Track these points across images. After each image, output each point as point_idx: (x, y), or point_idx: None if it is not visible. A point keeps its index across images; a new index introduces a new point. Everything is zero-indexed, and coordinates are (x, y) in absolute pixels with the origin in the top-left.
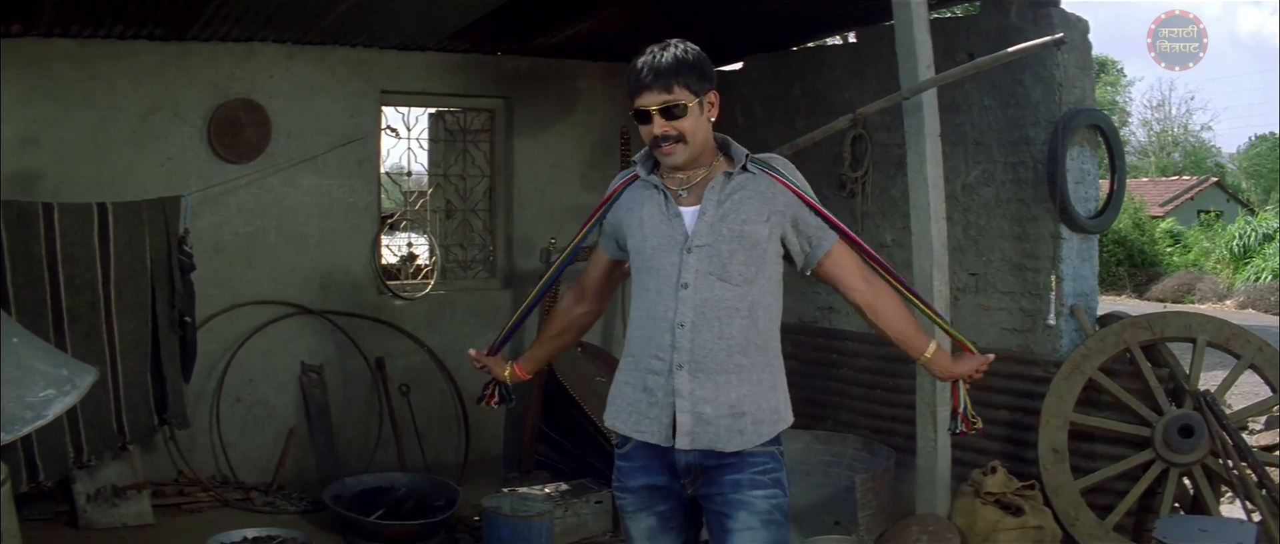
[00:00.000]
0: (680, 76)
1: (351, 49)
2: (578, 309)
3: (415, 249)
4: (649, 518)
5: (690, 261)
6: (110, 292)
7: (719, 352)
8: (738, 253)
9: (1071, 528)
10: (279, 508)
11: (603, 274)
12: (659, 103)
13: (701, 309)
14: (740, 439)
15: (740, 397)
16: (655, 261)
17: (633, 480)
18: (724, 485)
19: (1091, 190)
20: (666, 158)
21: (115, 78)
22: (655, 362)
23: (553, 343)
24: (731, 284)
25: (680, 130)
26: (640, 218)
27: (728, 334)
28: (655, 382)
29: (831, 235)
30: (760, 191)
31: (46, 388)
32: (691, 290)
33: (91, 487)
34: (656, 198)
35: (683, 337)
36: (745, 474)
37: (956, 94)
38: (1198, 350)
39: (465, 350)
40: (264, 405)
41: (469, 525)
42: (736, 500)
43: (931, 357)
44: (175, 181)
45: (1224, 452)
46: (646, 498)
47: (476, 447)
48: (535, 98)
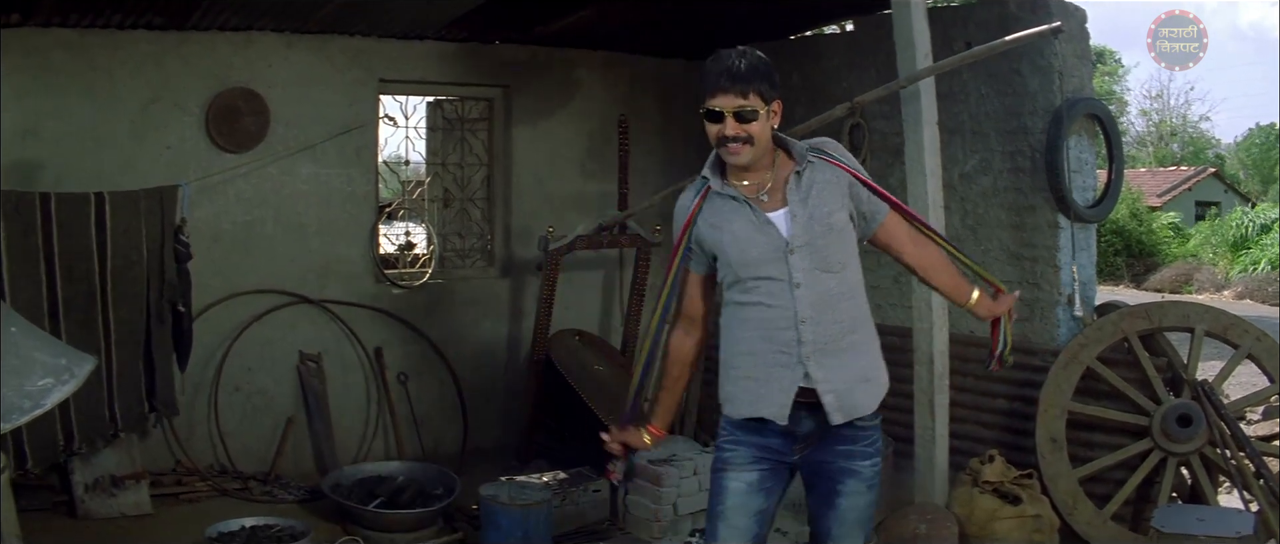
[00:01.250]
0: (755, 83)
1: (350, 38)
2: (690, 340)
3: (413, 238)
4: (752, 473)
5: (795, 262)
6: (107, 281)
7: (838, 334)
8: (832, 244)
9: (1069, 517)
10: (277, 497)
11: (702, 294)
12: (734, 106)
13: (817, 303)
14: (872, 400)
15: (863, 366)
16: (762, 269)
17: (749, 436)
18: (837, 454)
19: (1089, 180)
20: (732, 157)
21: (114, 68)
22: (781, 356)
23: (678, 385)
24: (834, 273)
25: (749, 133)
26: (733, 233)
27: (841, 318)
28: (780, 373)
29: (884, 207)
30: (829, 181)
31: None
32: (805, 288)
33: (89, 476)
34: (743, 210)
35: (807, 330)
36: (857, 445)
37: (954, 83)
38: (1196, 340)
39: (463, 338)
40: (262, 395)
41: (467, 514)
42: (847, 468)
43: (976, 302)
44: (174, 171)
45: (1222, 441)
46: (755, 455)
47: (474, 436)
48: (533, 87)
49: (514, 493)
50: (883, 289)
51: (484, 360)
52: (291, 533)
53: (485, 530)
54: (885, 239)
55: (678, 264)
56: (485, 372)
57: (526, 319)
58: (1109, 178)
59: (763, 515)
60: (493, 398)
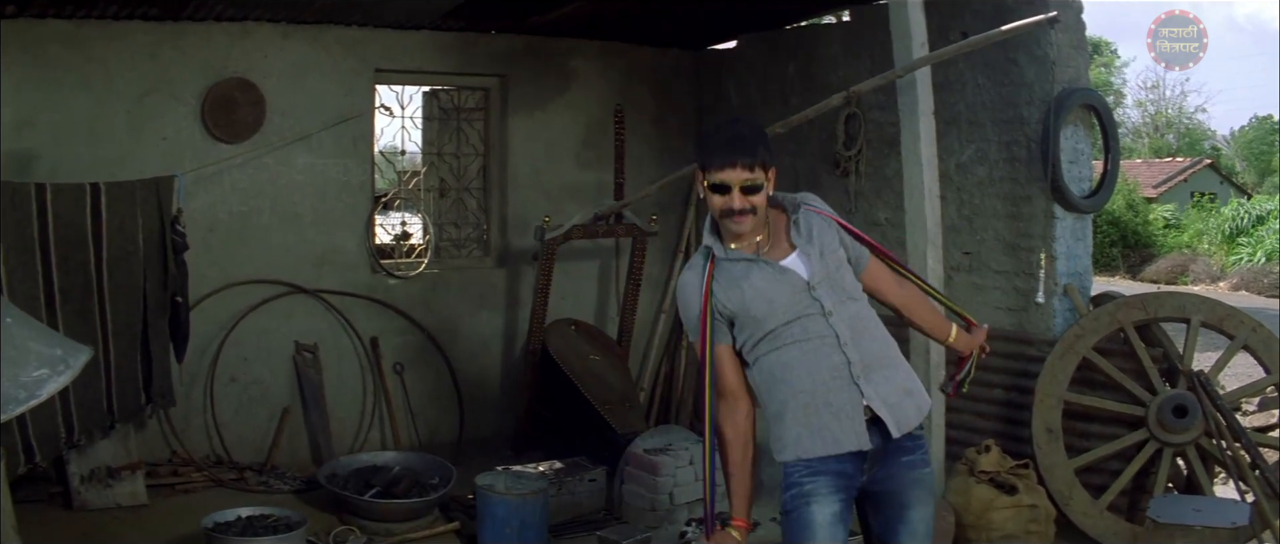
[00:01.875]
0: (759, 154)
1: (346, 28)
2: (740, 414)
3: (409, 228)
4: (836, 503)
5: (822, 295)
6: (103, 272)
7: (875, 351)
8: (846, 275)
9: (1065, 507)
10: (273, 487)
11: (735, 365)
12: (742, 180)
13: (852, 324)
14: (918, 414)
15: (902, 379)
16: (792, 312)
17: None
18: (902, 466)
19: (1085, 170)
20: (736, 227)
21: (110, 58)
22: (835, 382)
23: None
24: (855, 299)
25: (754, 205)
26: (754, 288)
27: (874, 336)
28: (840, 398)
29: (867, 253)
30: (823, 224)
31: (41, 368)
32: (838, 315)
33: (85, 468)
34: (755, 266)
35: (851, 350)
36: (916, 454)
37: (950, 73)
38: (1192, 331)
39: (459, 328)
40: (258, 385)
41: (463, 504)
42: (913, 478)
43: (955, 338)
44: (170, 162)
45: (1218, 432)
46: (836, 485)
47: (471, 425)
48: (530, 76)
49: (510, 483)
50: None
51: (480, 350)
52: (287, 523)
53: (481, 520)
54: (870, 282)
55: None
56: (481, 362)
57: (522, 309)
58: (1105, 168)
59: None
60: (489, 388)
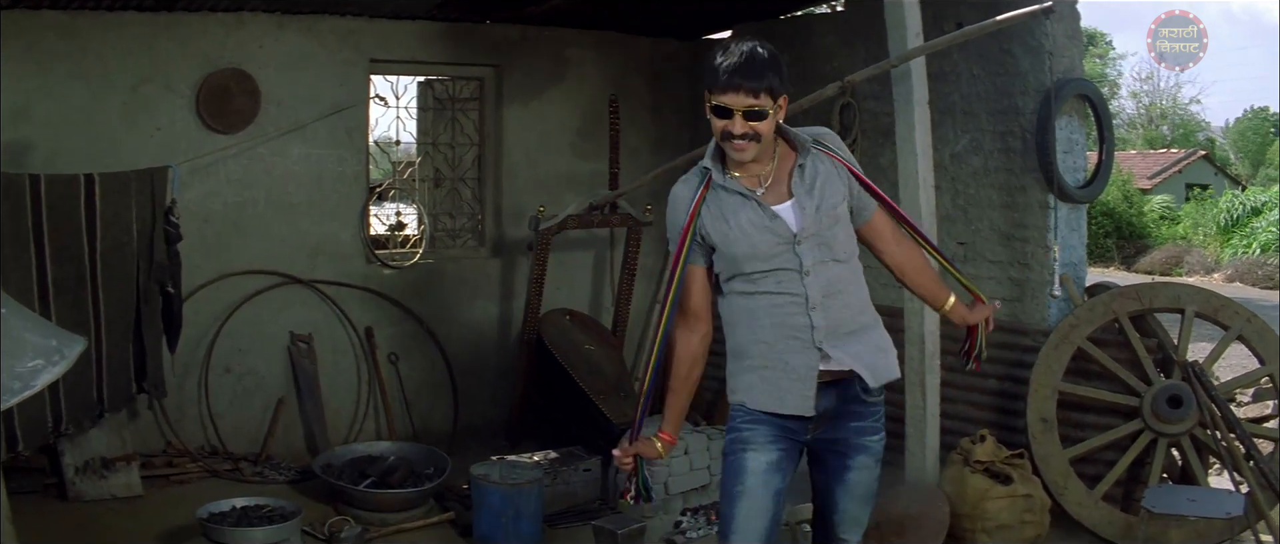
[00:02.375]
0: (767, 80)
1: (341, 18)
2: (696, 336)
3: (404, 218)
4: (773, 453)
5: (804, 251)
6: (97, 262)
7: (847, 316)
8: (838, 234)
9: (1060, 497)
10: (268, 478)
11: (704, 288)
12: (745, 105)
13: (827, 289)
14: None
15: (877, 342)
16: (771, 261)
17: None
18: (850, 430)
19: (1080, 160)
20: (738, 153)
21: (105, 49)
22: (793, 343)
23: (687, 385)
24: (840, 262)
25: (757, 131)
26: (739, 227)
27: (849, 303)
28: (796, 360)
29: (873, 204)
30: (831, 172)
31: (35, 358)
32: (814, 276)
33: (80, 459)
34: (748, 204)
35: (818, 315)
36: (867, 421)
37: (945, 63)
38: (1186, 321)
39: (454, 318)
40: (253, 375)
41: (458, 493)
42: (859, 444)
43: (951, 308)
44: (165, 152)
45: (1212, 423)
46: (775, 434)
47: (465, 415)
48: (525, 66)
49: (505, 472)
50: (874, 268)
51: (475, 340)
52: (282, 513)
53: (476, 510)
54: (870, 235)
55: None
56: (476, 351)
57: (517, 299)
58: (1099, 158)
59: (779, 496)
60: (483, 377)
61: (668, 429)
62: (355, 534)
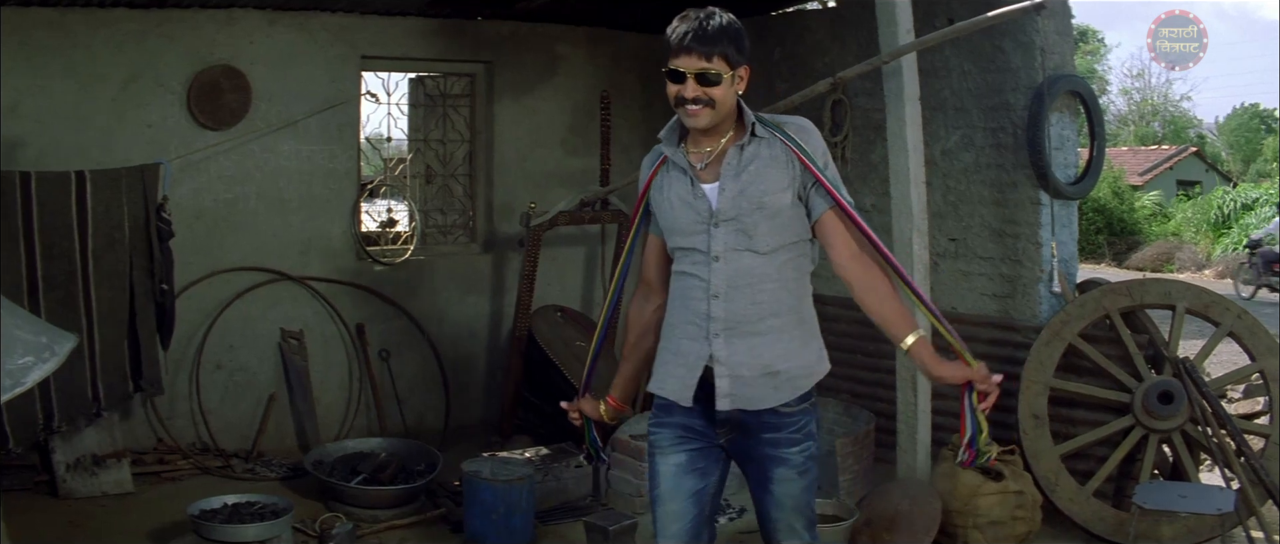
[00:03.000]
0: (721, 45)
1: (332, 14)
2: (649, 306)
3: (395, 215)
4: (680, 454)
5: (718, 235)
6: (88, 259)
7: (751, 316)
8: (761, 223)
9: (1052, 493)
10: (259, 475)
11: (661, 259)
12: (697, 68)
13: (733, 279)
14: (775, 396)
15: (774, 356)
16: (687, 239)
17: (670, 418)
18: (763, 443)
19: (1071, 156)
20: (691, 120)
21: (95, 45)
22: (691, 329)
23: (637, 353)
24: (758, 253)
25: (710, 96)
26: (669, 200)
27: (759, 300)
28: (689, 347)
29: (823, 203)
30: (776, 158)
31: (26, 355)
32: (722, 262)
33: (71, 456)
34: (683, 179)
35: (717, 306)
36: (783, 433)
37: (936, 59)
38: (1177, 317)
39: (445, 315)
40: (244, 372)
41: (450, 490)
42: (775, 456)
43: (912, 346)
44: (156, 149)
45: (1203, 419)
46: (681, 436)
47: (457, 412)
48: (516, 62)
49: (496, 469)
50: None
51: (466, 337)
52: (274, 510)
53: (468, 506)
54: (820, 238)
55: (636, 228)
56: (467, 348)
57: (509, 295)
58: (1090, 155)
59: (700, 497)
60: (475, 374)
61: (614, 394)
62: (346, 531)
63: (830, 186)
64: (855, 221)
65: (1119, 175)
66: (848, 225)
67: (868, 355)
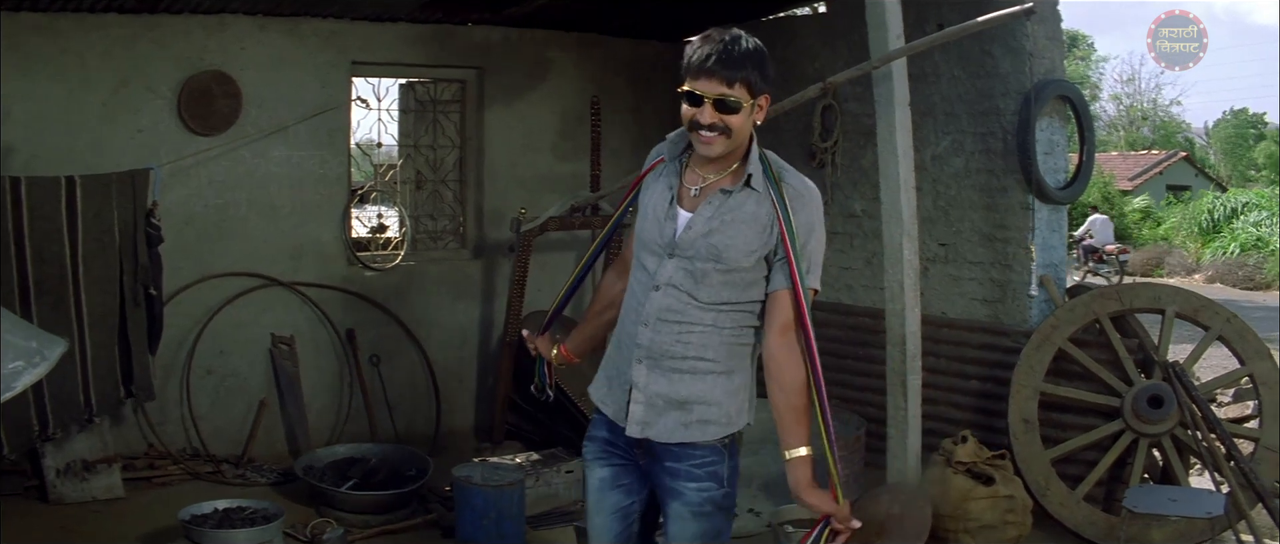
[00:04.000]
0: (745, 71)
1: (322, 20)
2: (619, 284)
3: (386, 220)
4: (603, 469)
5: (668, 265)
6: (78, 264)
7: (675, 353)
8: (711, 275)
9: (1042, 497)
10: (250, 480)
11: None
12: (717, 93)
13: (665, 313)
14: (684, 433)
15: (691, 393)
16: (643, 255)
17: (598, 432)
18: (663, 472)
19: (1061, 161)
20: (704, 147)
21: (85, 50)
22: (627, 346)
23: (598, 319)
24: (698, 302)
25: (727, 124)
26: (647, 206)
27: (686, 340)
28: (623, 366)
29: (782, 282)
30: (758, 218)
31: (16, 360)
32: (661, 293)
33: (61, 461)
34: (665, 193)
35: (644, 333)
36: (683, 464)
37: (926, 64)
38: (1166, 322)
39: (436, 320)
40: (234, 377)
41: (440, 495)
42: (672, 489)
43: (793, 461)
44: (146, 154)
45: (1193, 423)
46: (605, 451)
47: (447, 417)
48: (506, 68)
49: (487, 474)
50: (855, 271)
51: (456, 342)
52: (264, 515)
53: (458, 511)
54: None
55: (624, 207)
56: (457, 353)
57: (499, 300)
58: (1080, 159)
59: (625, 513)
60: (465, 379)
61: (569, 345)
62: (337, 536)
63: (795, 268)
64: (801, 314)
65: (1109, 180)
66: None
67: (857, 360)
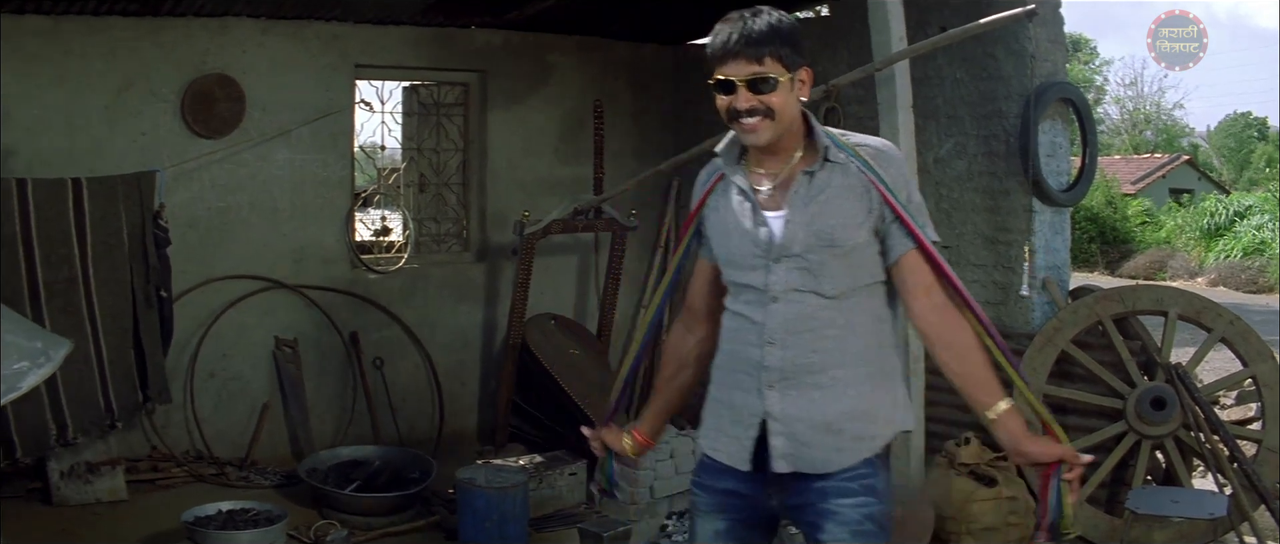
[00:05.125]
0: (772, 46)
1: (325, 23)
2: (692, 338)
3: (389, 223)
4: (719, 520)
5: (778, 272)
6: (88, 267)
7: (811, 366)
8: (829, 263)
9: None
10: (253, 482)
11: (709, 287)
12: (746, 74)
13: (792, 324)
14: (839, 458)
15: (837, 413)
16: (743, 274)
17: (715, 481)
18: (812, 494)
19: (1063, 163)
20: (749, 136)
21: (89, 53)
22: (744, 378)
23: (671, 385)
24: (824, 297)
25: (767, 105)
26: (725, 226)
27: (821, 348)
28: (742, 399)
29: (903, 243)
30: (851, 187)
31: (21, 360)
32: (782, 304)
33: (65, 463)
34: (744, 204)
35: (773, 354)
36: (834, 480)
37: (928, 67)
38: (1169, 323)
39: (439, 323)
40: (238, 380)
41: (443, 497)
42: (825, 510)
43: (999, 417)
44: (149, 157)
45: (1196, 425)
46: (723, 501)
47: (450, 420)
48: (509, 71)
49: (490, 476)
50: None
51: (459, 345)
52: (268, 517)
53: (461, 513)
54: (897, 282)
55: (685, 247)
56: (461, 356)
57: (502, 304)
58: (1083, 162)
59: None
60: (468, 382)
61: (641, 429)
62: (341, 538)
63: (911, 223)
64: (939, 266)
65: (1112, 184)
66: (931, 270)
67: None
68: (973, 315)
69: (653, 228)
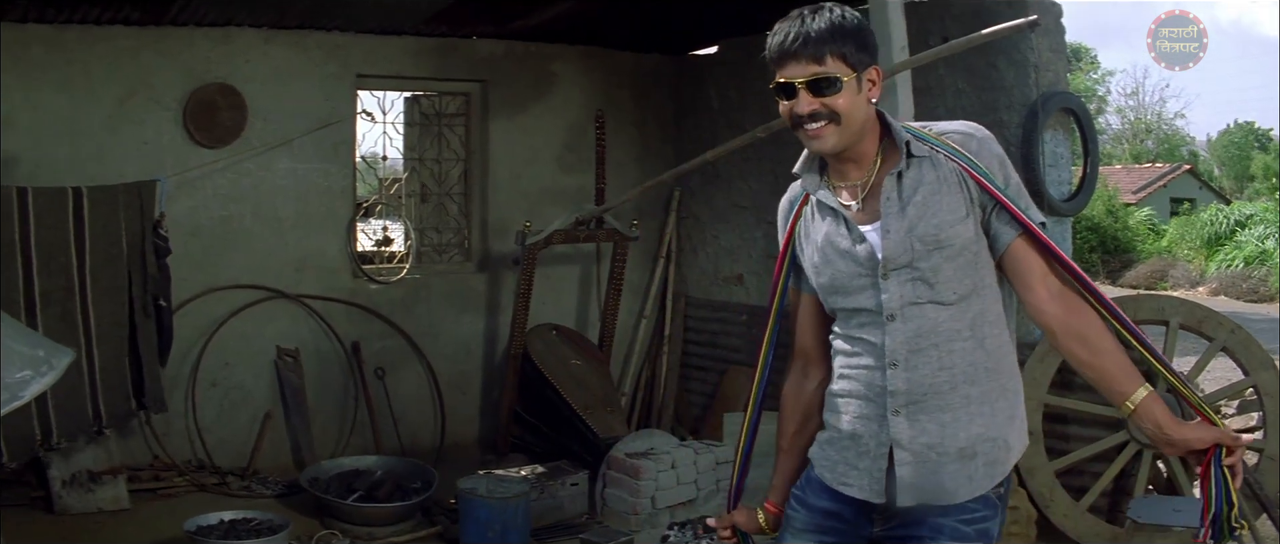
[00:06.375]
0: (835, 45)
1: (327, 33)
2: (810, 383)
3: (391, 233)
4: (807, 541)
5: (890, 288)
6: (86, 276)
7: (942, 386)
8: (943, 266)
9: (1046, 509)
10: (255, 492)
11: (818, 322)
12: (807, 75)
13: (914, 340)
14: (970, 486)
15: (972, 436)
16: (850, 298)
17: (815, 499)
18: (925, 528)
19: (1065, 173)
20: (814, 142)
21: (91, 62)
22: (865, 406)
23: (798, 443)
24: (944, 304)
25: (831, 108)
26: (821, 251)
27: (949, 364)
28: (865, 428)
29: (1010, 231)
30: (946, 180)
31: (23, 369)
32: (901, 322)
33: (67, 472)
34: (836, 223)
35: (897, 376)
36: (950, 519)
37: (930, 77)
38: (1170, 333)
39: (440, 333)
40: (240, 390)
41: (445, 508)
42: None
43: (1140, 406)
44: (151, 166)
45: None
46: (821, 521)
47: (452, 430)
48: (510, 81)
49: (492, 486)
50: None
51: (461, 355)
52: (270, 526)
53: (463, 523)
54: (1010, 273)
55: (782, 290)
56: (462, 366)
57: (504, 314)
58: (1084, 171)
59: None
60: (470, 392)
61: (774, 499)
62: None
63: (1014, 208)
64: (1051, 250)
65: (1113, 193)
66: (1043, 255)
67: None
68: (1095, 299)
69: (654, 238)
